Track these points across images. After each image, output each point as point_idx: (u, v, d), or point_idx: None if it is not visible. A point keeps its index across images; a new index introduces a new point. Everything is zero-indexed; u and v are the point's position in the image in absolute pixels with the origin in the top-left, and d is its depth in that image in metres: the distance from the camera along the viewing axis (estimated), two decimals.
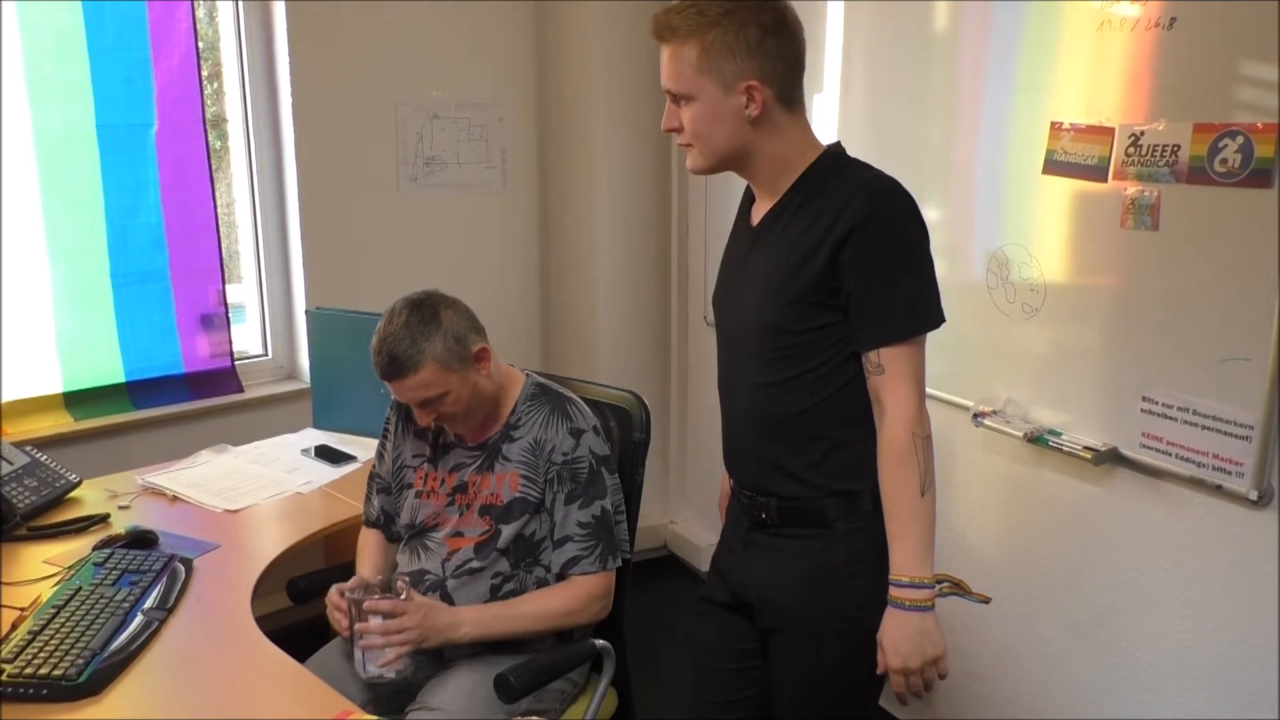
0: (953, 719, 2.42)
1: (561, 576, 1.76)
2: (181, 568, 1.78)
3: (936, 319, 1.40)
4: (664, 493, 3.56)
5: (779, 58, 1.37)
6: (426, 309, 1.72)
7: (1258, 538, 1.75)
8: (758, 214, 1.50)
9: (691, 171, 1.49)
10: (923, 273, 1.39)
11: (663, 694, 2.61)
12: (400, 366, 1.69)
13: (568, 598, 1.74)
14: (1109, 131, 1.86)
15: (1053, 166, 1.97)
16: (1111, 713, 2.05)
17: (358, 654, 1.65)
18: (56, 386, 2.65)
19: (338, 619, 1.70)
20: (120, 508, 2.08)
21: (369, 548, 1.95)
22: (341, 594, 1.69)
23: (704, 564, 3.38)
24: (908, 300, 1.37)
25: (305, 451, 2.45)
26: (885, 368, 1.37)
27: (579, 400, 1.85)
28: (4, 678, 1.39)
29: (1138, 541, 1.95)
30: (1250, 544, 1.76)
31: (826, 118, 2.53)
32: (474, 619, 1.71)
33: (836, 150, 1.46)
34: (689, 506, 3.56)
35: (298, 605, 1.96)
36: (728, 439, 1.59)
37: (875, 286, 1.36)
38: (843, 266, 1.35)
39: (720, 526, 1.71)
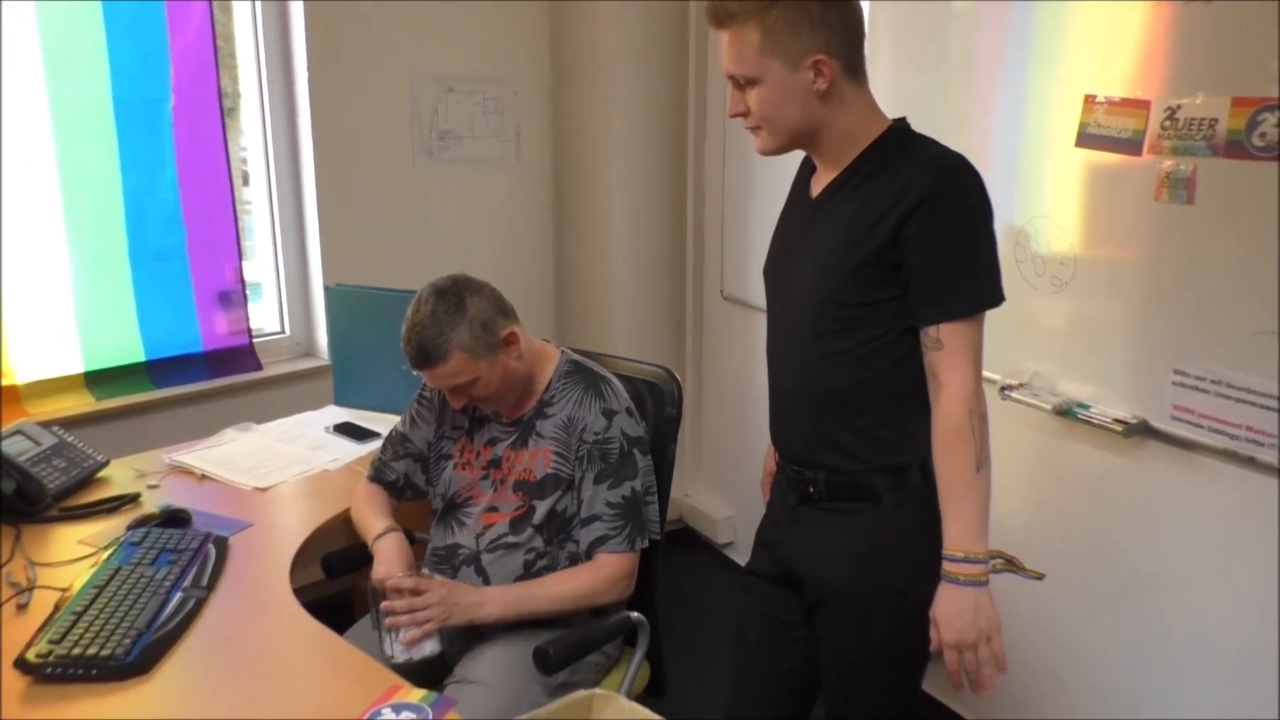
0: None
1: (589, 554, 1.77)
2: (213, 547, 1.78)
3: (998, 298, 1.39)
4: (680, 466, 3.52)
5: (842, 28, 1.36)
6: (452, 296, 1.71)
7: None
8: (817, 186, 1.49)
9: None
10: (988, 250, 1.38)
11: (679, 665, 2.63)
12: (428, 356, 1.70)
13: (592, 579, 1.75)
14: (1145, 104, 1.85)
15: (1086, 140, 1.96)
16: (1137, 684, 2.07)
17: (385, 639, 1.66)
18: (77, 366, 2.64)
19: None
20: (150, 487, 2.08)
21: (376, 498, 1.92)
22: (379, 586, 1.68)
23: (719, 536, 3.41)
24: (972, 277, 1.37)
25: (328, 429, 2.45)
26: (945, 344, 1.37)
27: (613, 379, 1.85)
28: (52, 659, 1.39)
29: (1168, 513, 1.96)
30: None
31: None
32: (499, 598, 1.72)
33: (903, 125, 1.45)
34: (705, 479, 3.57)
35: (330, 579, 1.97)
36: (775, 412, 1.58)
37: (940, 262, 1.35)
38: (906, 240, 1.35)
39: (761, 504, 1.71)
